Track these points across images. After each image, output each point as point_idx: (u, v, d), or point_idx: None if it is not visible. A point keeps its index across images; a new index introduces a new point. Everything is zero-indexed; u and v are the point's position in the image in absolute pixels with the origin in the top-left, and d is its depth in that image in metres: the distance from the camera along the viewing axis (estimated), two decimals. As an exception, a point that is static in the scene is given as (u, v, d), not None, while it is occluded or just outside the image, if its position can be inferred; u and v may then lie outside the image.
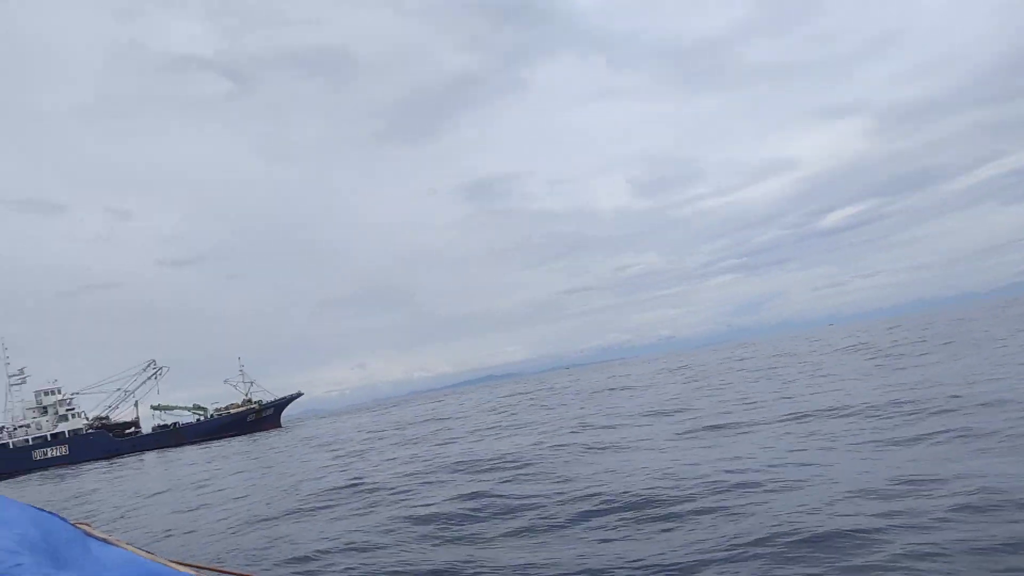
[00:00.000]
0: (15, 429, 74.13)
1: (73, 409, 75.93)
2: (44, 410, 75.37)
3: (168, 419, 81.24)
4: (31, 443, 73.35)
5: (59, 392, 76.16)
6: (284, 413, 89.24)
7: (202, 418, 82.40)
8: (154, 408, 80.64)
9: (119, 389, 79.57)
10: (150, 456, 62.14)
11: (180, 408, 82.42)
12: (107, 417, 78.49)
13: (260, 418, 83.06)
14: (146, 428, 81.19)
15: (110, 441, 74.66)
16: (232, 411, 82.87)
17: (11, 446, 72.93)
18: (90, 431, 75.24)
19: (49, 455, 72.84)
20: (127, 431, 78.83)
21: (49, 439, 73.72)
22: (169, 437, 77.44)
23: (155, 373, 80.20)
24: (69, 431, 74.30)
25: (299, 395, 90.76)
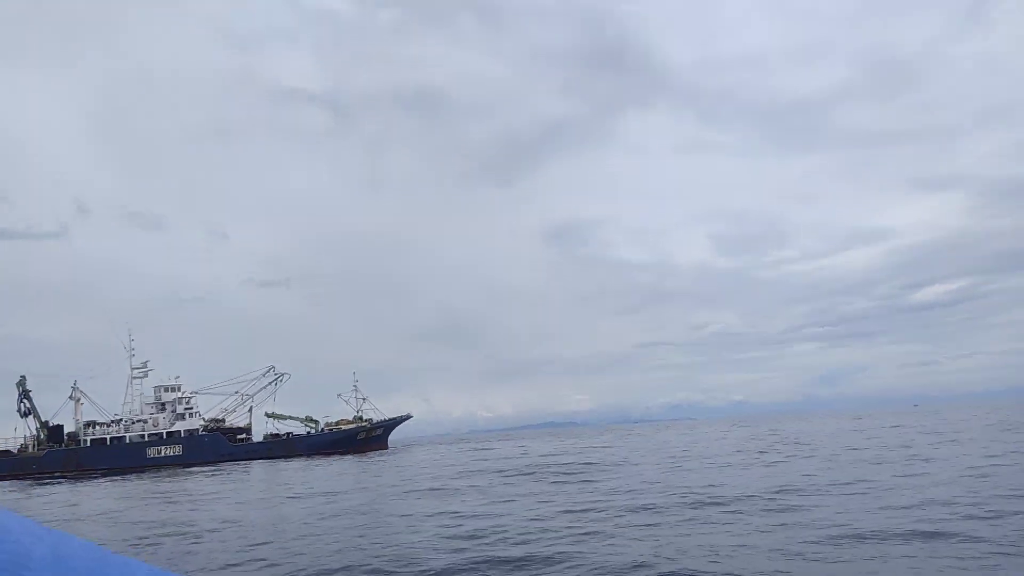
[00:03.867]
0: (132, 423, 72.31)
1: (191, 408, 73.70)
2: (162, 407, 73.36)
3: (281, 429, 78.19)
4: (147, 439, 71.35)
5: (179, 390, 74.13)
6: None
7: (313, 431, 79.06)
8: (268, 416, 77.69)
9: (237, 392, 77.14)
10: (260, 465, 58.77)
11: (292, 418, 79.26)
12: (223, 420, 76.01)
13: (369, 437, 79.31)
14: (255, 435, 78.38)
15: (224, 445, 71.94)
16: (343, 427, 79.36)
17: (128, 440, 71.07)
18: (204, 433, 72.80)
19: (163, 453, 70.61)
20: (239, 436, 76.12)
21: (165, 437, 71.57)
22: (281, 447, 74.29)
23: (275, 380, 77.49)
24: (185, 430, 72.01)
25: (409, 417, 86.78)
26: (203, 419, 74.26)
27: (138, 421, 72.25)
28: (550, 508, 15.35)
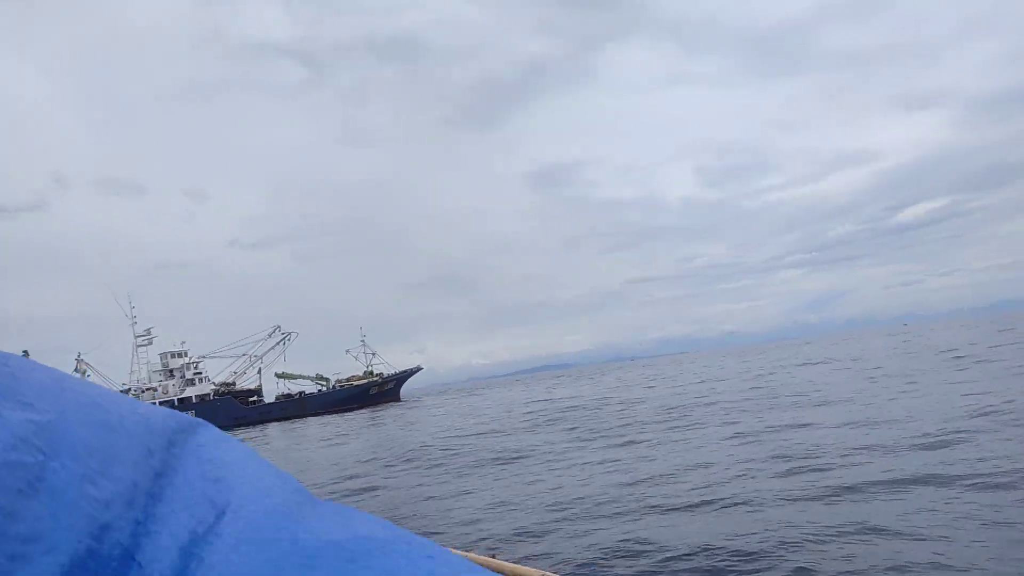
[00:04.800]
0: (141, 392, 70.92)
1: (200, 373, 72.39)
2: (171, 373, 72.01)
3: (293, 388, 77.24)
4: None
5: (186, 355, 72.66)
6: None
7: (324, 388, 78.24)
8: (278, 376, 76.64)
9: (245, 354, 75.79)
10: (274, 427, 57.67)
11: (303, 377, 78.36)
12: (233, 383, 74.81)
13: (382, 391, 78.56)
14: (267, 396, 77.47)
15: (237, 408, 70.90)
16: (355, 383, 78.50)
17: (139, 410, 69.73)
18: (216, 398, 71.63)
19: (176, 421, 69.40)
20: (250, 399, 75.08)
21: (176, 404, 70.28)
22: (294, 407, 73.41)
23: (283, 339, 76.09)
24: (196, 396, 70.80)
25: (419, 369, 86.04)
26: (213, 384, 73.03)
27: (148, 389, 70.93)
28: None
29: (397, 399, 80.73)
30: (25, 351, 70.86)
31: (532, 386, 71.56)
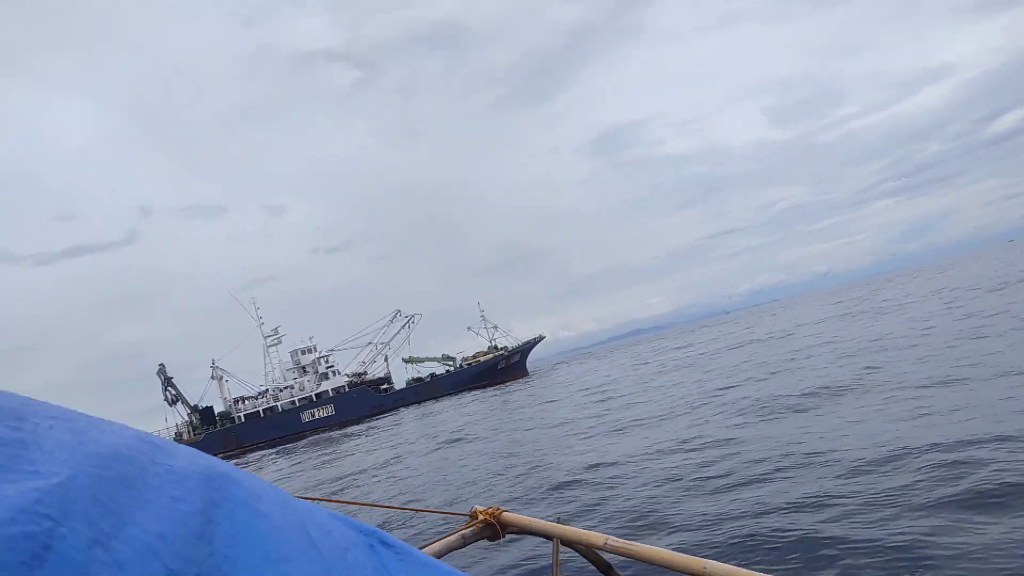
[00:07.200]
0: (280, 391, 71.26)
1: (333, 367, 72.20)
2: (303, 370, 72.07)
3: (422, 371, 76.37)
4: (298, 404, 70.24)
5: (315, 350, 72.57)
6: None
7: (451, 368, 77.05)
8: (405, 361, 75.97)
9: (370, 343, 75.30)
10: (409, 412, 55.78)
11: (430, 360, 77.39)
12: (364, 373, 74.41)
13: (509, 365, 76.67)
14: (397, 383, 76.90)
15: (373, 397, 70.39)
16: (481, 359, 76.91)
17: (280, 409, 70.09)
18: (351, 389, 71.29)
19: (317, 416, 69.45)
20: (382, 387, 74.54)
21: (314, 399, 70.32)
22: (426, 390, 72.42)
23: (406, 323, 75.18)
24: (332, 389, 70.56)
25: (542, 338, 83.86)
26: (346, 376, 72.77)
27: (285, 388, 71.22)
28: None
29: (525, 373, 78.69)
30: (162, 364, 72.18)
31: (656, 344, 67.75)
